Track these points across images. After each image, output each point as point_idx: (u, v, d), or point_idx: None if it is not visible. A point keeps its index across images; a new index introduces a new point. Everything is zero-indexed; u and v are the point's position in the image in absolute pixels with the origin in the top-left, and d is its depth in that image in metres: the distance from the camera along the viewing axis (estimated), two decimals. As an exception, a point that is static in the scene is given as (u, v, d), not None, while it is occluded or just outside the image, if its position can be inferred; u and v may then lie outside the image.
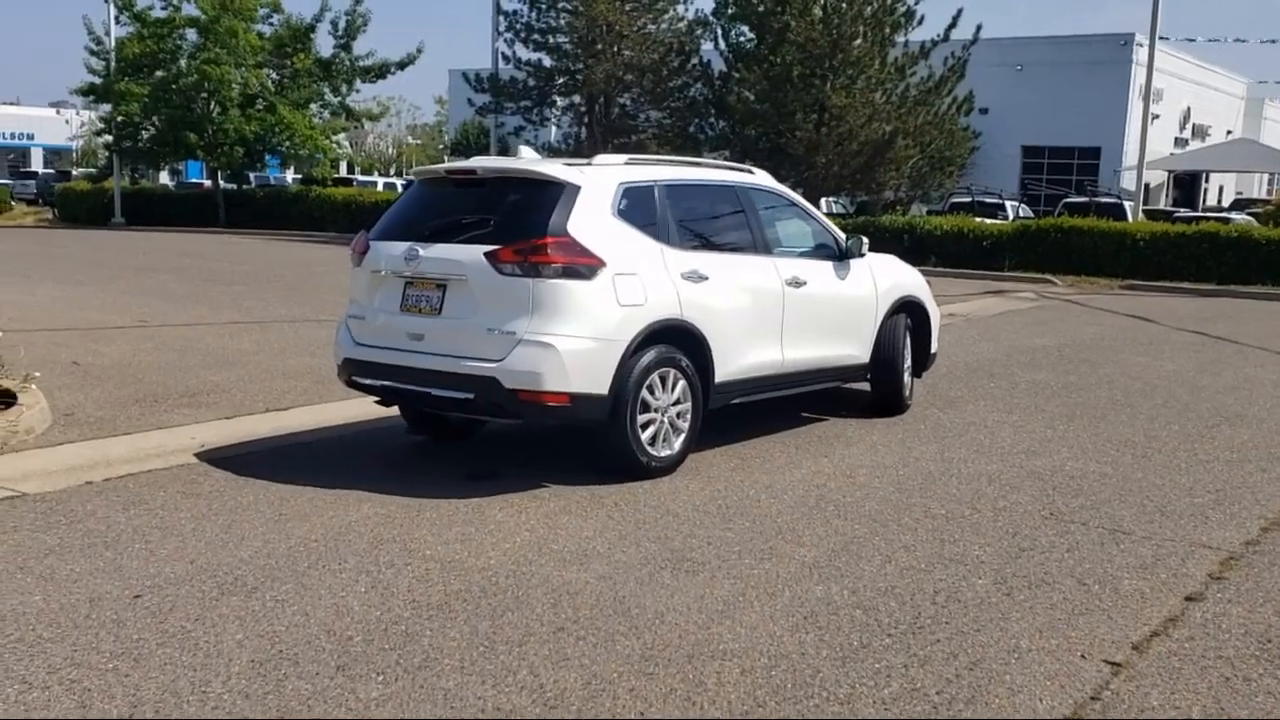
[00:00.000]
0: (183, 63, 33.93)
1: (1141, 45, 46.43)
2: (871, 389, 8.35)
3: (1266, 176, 57.29)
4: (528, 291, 5.95)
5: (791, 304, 7.29)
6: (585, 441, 6.63)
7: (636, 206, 6.49)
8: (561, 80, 28.87)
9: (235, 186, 36.75)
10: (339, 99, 35.96)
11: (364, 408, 7.80)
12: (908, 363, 8.40)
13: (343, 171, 50.24)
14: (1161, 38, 33.51)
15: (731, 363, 6.85)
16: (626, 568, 4.91)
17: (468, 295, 6.11)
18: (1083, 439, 7.73)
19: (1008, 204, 30.48)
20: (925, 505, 5.98)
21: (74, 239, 28.61)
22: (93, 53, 35.05)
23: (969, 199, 29.50)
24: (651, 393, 6.33)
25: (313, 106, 35.51)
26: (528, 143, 18.71)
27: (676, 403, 6.49)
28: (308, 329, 12.40)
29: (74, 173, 49.61)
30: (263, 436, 7.49)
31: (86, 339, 11.15)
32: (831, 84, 23.97)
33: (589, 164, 6.49)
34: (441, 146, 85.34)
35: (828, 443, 7.48)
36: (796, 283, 7.35)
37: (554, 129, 32.14)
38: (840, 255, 7.91)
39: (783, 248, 7.50)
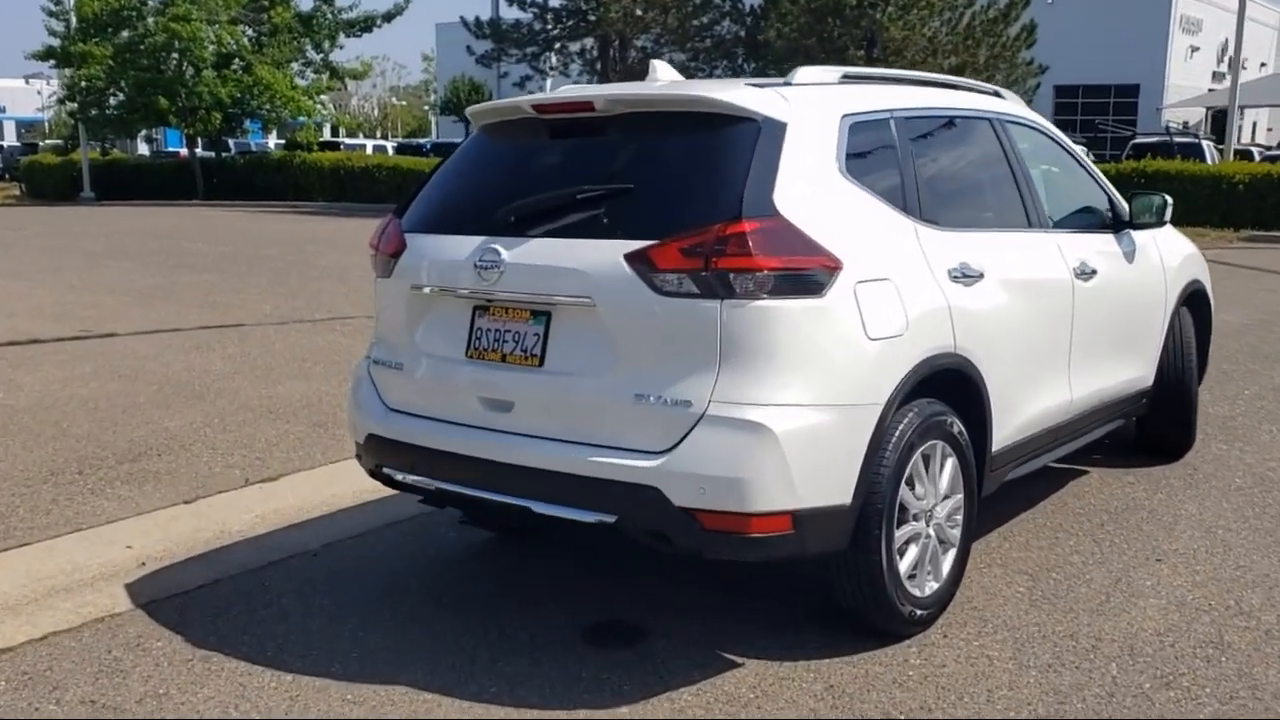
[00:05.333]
0: (150, 20, 30.79)
1: (1182, -29, 43.46)
2: (1148, 421, 5.57)
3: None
4: (712, 324, 3.16)
5: (1081, 308, 4.53)
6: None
7: (870, 155, 3.70)
8: (571, 22, 25.74)
9: (214, 154, 33.74)
10: (321, 56, 32.94)
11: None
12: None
13: (328, 134, 47.11)
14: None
15: (1014, 416, 4.11)
16: None
17: (595, 332, 3.33)
18: None
19: (1071, 147, 27.47)
20: None
21: (35, 218, 25.61)
22: (51, 13, 31.91)
23: (1028, 143, 26.50)
24: (911, 487, 3.58)
25: (294, 65, 32.49)
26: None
27: (945, 497, 3.75)
28: (299, 334, 9.58)
29: (40, 145, 46.46)
30: (239, 538, 4.74)
31: (1, 362, 8.34)
32: (884, 13, 20.99)
33: (787, 84, 3.67)
34: (427, 106, 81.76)
35: (1132, 525, 4.74)
36: (1084, 272, 4.59)
37: (550, 80, 28.84)
38: (1117, 223, 5.12)
39: (1057, 216, 4.70)
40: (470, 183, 3.89)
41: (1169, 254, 5.43)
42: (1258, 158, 28.19)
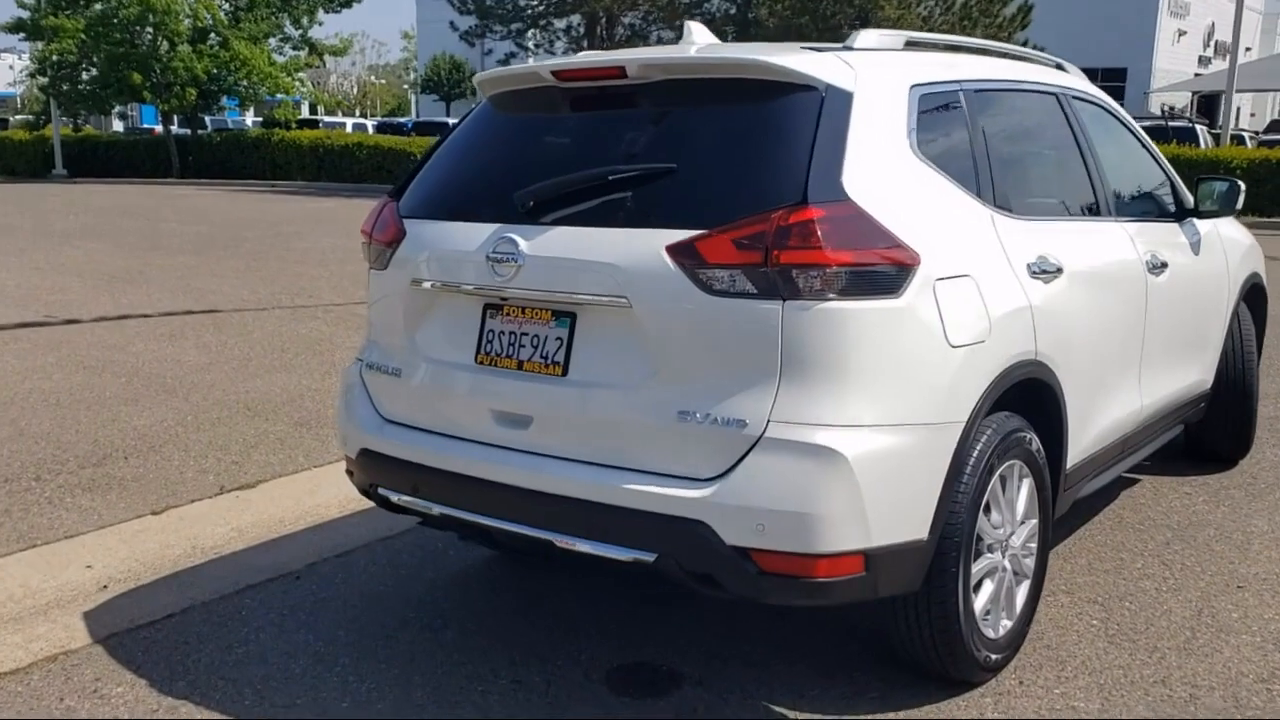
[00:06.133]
0: (124, -8, 29.93)
1: (1171, -47, 43.07)
2: (1204, 426, 5.14)
3: None
4: (772, 329, 2.69)
5: (1153, 305, 4.09)
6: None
7: (942, 132, 3.23)
8: (558, -2, 25.14)
9: (190, 132, 32.92)
10: (300, 32, 32.15)
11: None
12: (1252, 380, 5.23)
13: (306, 113, 46.27)
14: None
15: (1090, 428, 3.67)
16: None
17: (629, 337, 2.85)
18: None
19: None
20: None
21: (2, 195, 24.85)
22: (21, -17, 31.00)
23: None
24: (988, 514, 3.12)
25: (271, 41, 31.71)
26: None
27: (1021, 522, 3.30)
28: (278, 321, 9.05)
29: (11, 120, 45.45)
30: (213, 556, 4.26)
31: (-40, 352, 7.79)
32: (880, -8, 20.50)
33: (848, 48, 3.18)
34: (406, 85, 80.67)
35: (1201, 544, 4.31)
36: (1155, 266, 4.14)
37: (533, 58, 28.21)
38: (1180, 211, 4.68)
39: (1124, 203, 4.25)
40: (479, 162, 3.39)
41: (1231, 245, 5.01)
42: (1249, 142, 27.89)
